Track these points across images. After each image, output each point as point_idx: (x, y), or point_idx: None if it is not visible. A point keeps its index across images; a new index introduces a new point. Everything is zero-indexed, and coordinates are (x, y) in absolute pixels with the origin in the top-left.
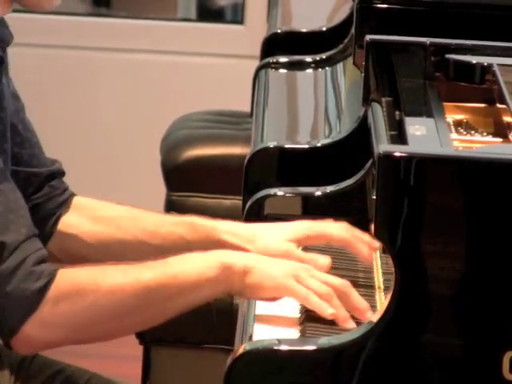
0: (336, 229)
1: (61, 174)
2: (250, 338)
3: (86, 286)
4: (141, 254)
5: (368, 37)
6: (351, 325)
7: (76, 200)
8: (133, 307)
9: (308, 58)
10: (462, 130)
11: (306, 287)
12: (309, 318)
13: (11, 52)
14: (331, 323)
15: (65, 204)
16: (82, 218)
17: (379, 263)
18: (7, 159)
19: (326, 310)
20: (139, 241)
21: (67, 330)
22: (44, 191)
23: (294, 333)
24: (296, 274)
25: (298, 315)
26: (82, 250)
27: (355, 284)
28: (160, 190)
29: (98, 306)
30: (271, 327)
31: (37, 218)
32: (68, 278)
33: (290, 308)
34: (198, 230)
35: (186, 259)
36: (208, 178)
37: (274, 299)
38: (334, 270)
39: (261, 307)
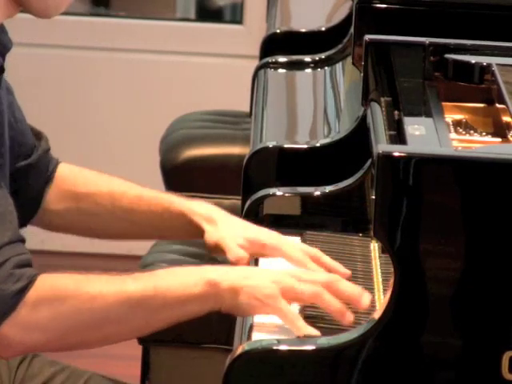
0: (292, 249)
1: (46, 152)
2: (249, 337)
3: (66, 292)
4: (119, 229)
5: (367, 36)
6: (349, 318)
7: (59, 172)
8: (115, 316)
9: (307, 58)
10: (461, 130)
11: (294, 295)
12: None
13: (10, 52)
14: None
15: (48, 183)
16: (61, 193)
17: (378, 263)
18: (4, 164)
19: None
20: (116, 217)
21: (47, 335)
22: (29, 180)
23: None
24: (283, 285)
25: None
26: (61, 225)
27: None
28: (159, 189)
29: (79, 313)
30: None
31: (20, 202)
32: (49, 282)
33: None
34: (172, 210)
35: (173, 273)
36: (207, 177)
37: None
38: None
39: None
